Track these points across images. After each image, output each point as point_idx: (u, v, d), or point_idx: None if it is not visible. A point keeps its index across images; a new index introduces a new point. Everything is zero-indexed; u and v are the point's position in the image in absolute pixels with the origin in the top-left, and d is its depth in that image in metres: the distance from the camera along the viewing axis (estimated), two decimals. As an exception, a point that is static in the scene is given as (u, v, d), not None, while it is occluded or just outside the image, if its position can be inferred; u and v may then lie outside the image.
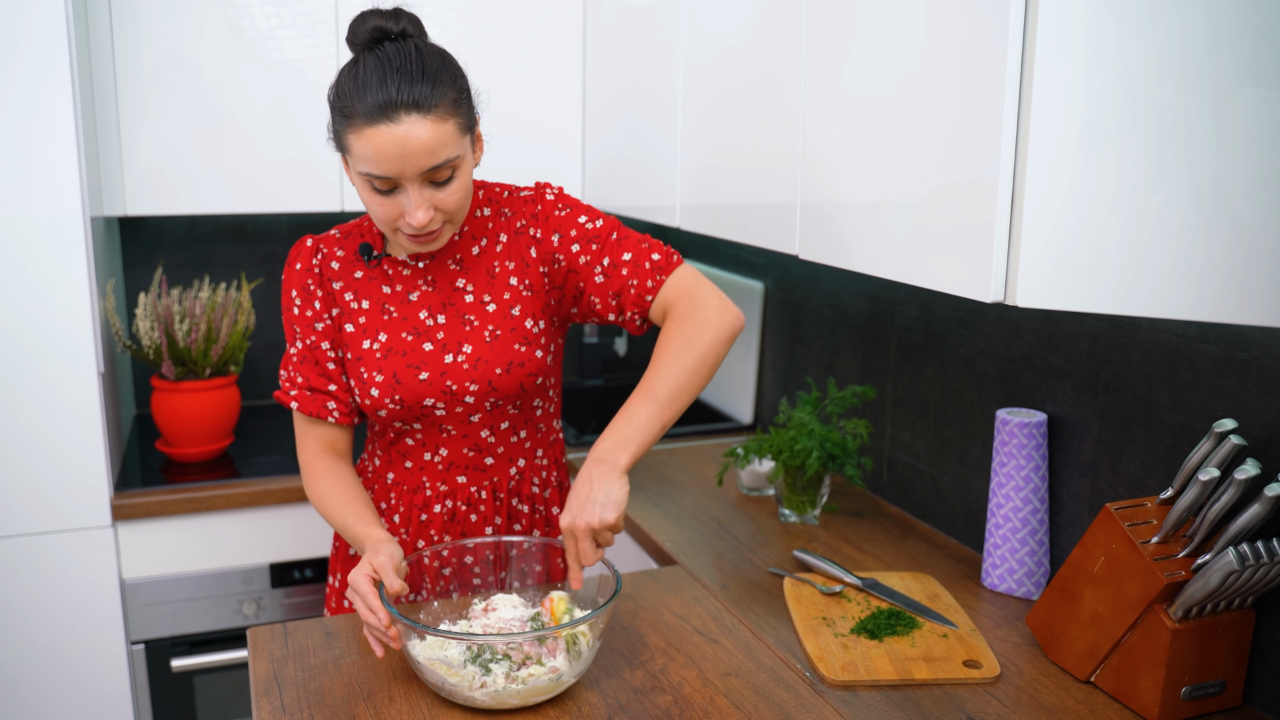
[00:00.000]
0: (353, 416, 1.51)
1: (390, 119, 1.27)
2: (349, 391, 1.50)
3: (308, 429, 1.51)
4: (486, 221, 1.51)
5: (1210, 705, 1.31)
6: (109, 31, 2.20)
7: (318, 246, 1.51)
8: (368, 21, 1.32)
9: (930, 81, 1.29)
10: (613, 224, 1.47)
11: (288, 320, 1.51)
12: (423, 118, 1.27)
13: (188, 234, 2.69)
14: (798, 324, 2.37)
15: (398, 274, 1.50)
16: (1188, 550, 1.28)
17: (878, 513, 2.01)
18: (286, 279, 1.52)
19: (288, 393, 1.50)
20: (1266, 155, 1.05)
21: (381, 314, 1.49)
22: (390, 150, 1.27)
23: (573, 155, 2.58)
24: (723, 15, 1.84)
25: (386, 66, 1.28)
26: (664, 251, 1.45)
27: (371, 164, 1.29)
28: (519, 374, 1.48)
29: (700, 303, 1.40)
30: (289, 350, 1.51)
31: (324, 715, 1.26)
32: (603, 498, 1.29)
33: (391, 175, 1.30)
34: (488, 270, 1.49)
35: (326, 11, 2.32)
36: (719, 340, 1.38)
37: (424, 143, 1.28)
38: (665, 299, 1.42)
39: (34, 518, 2.05)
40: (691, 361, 1.36)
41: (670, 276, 1.43)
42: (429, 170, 1.30)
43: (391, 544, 1.32)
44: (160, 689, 2.21)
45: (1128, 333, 1.50)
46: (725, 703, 1.29)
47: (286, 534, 2.25)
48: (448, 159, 1.31)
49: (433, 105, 1.28)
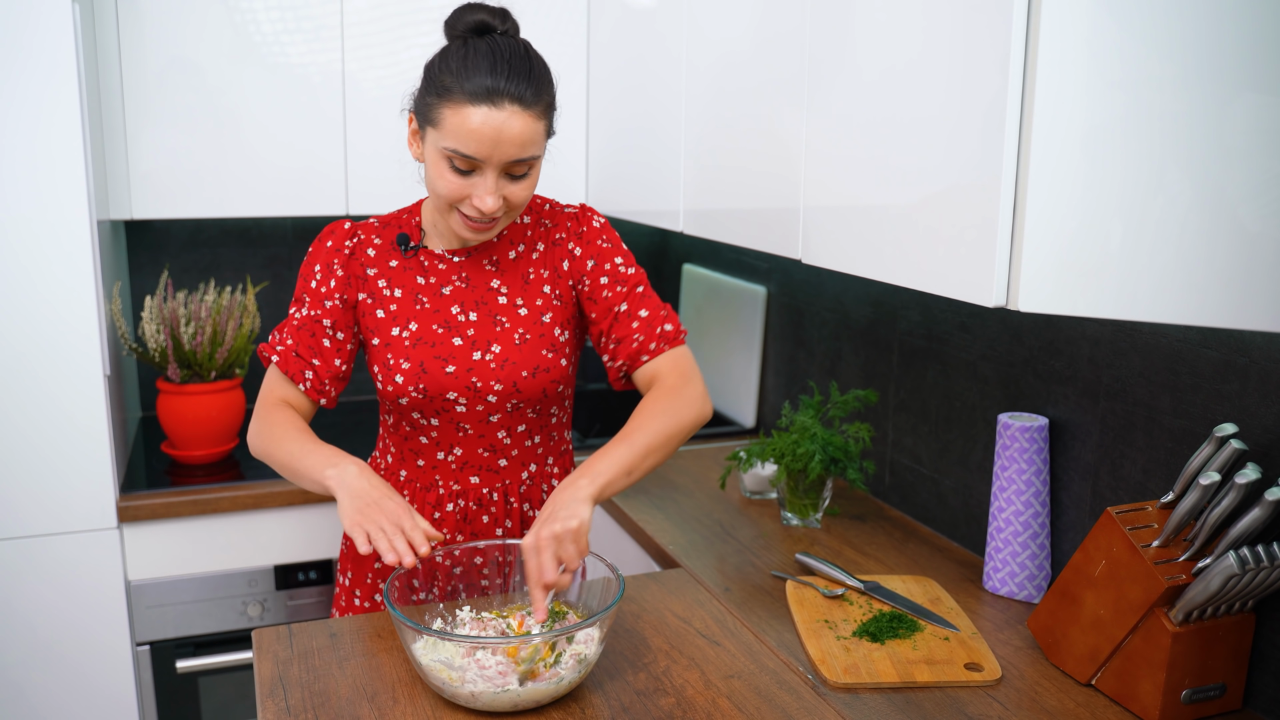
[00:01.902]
0: (320, 398, 1.52)
1: (494, 103, 1.32)
2: (331, 373, 1.52)
3: (275, 384, 1.52)
4: (526, 229, 1.55)
5: (1211, 708, 1.31)
6: (115, 35, 2.21)
7: (355, 231, 1.54)
8: (475, 13, 1.39)
9: (933, 86, 1.30)
10: (642, 277, 1.54)
11: (300, 289, 1.53)
12: (523, 112, 1.34)
13: (193, 237, 2.70)
14: (800, 328, 2.37)
15: (433, 267, 1.53)
16: (1188, 554, 1.28)
17: (880, 516, 2.02)
18: (313, 252, 1.54)
19: (273, 347, 1.52)
20: (1267, 160, 1.05)
21: (414, 303, 1.51)
22: (486, 133, 1.33)
23: (576, 160, 2.59)
24: (725, 22, 1.85)
25: (498, 56, 1.34)
26: (675, 325, 1.52)
27: (462, 141, 1.34)
28: (544, 379, 1.50)
29: (689, 384, 1.47)
30: (291, 314, 1.53)
31: (328, 716, 1.26)
32: (564, 513, 1.29)
33: (479, 157, 1.35)
34: (523, 275, 1.53)
35: (332, 16, 2.33)
36: (695, 422, 1.45)
37: (518, 134, 1.34)
38: (658, 368, 1.49)
39: (40, 519, 2.06)
40: (671, 428, 1.42)
41: (671, 350, 1.50)
42: (512, 161, 1.36)
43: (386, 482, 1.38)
44: (165, 690, 2.22)
45: (1129, 337, 1.51)
46: (728, 705, 1.30)
47: (291, 536, 2.26)
48: (532, 155, 1.37)
49: (533, 104, 1.35)
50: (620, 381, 1.54)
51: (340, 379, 1.53)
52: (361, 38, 2.36)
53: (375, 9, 2.35)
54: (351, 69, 2.36)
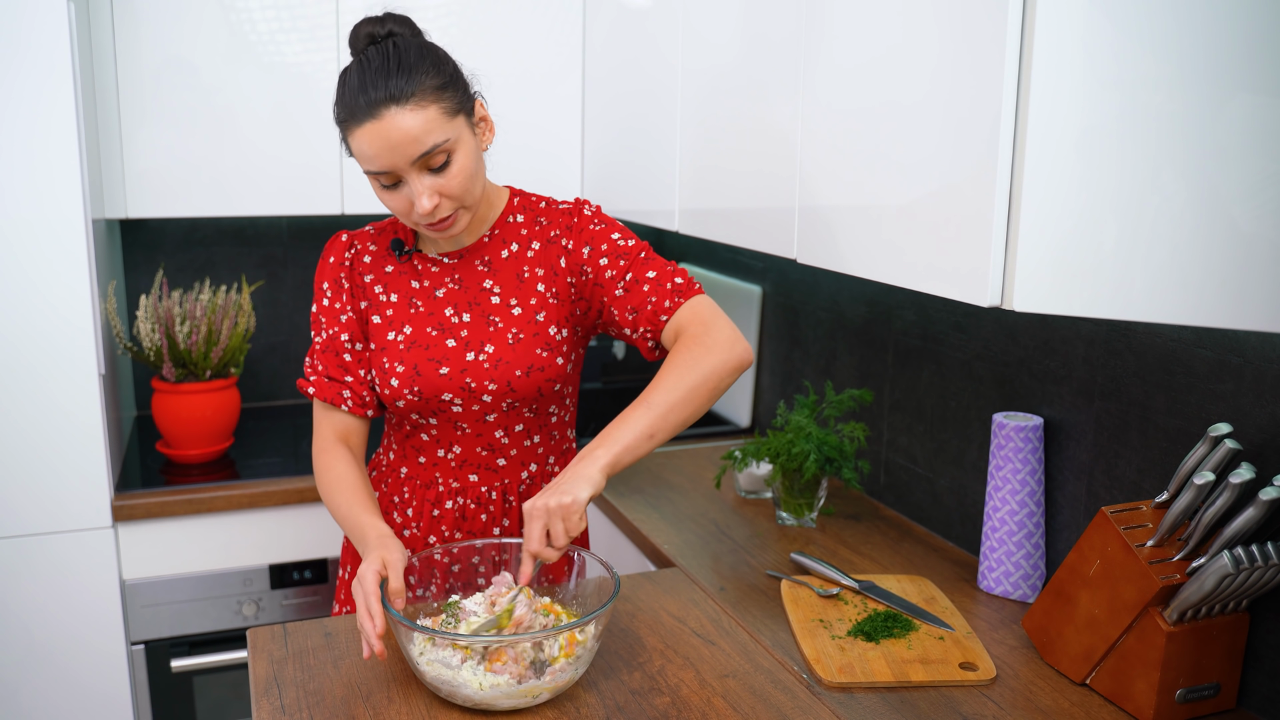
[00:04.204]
0: (367, 410, 1.53)
1: (373, 116, 1.32)
2: (364, 384, 1.53)
3: (324, 416, 1.54)
4: (520, 228, 1.54)
5: (1205, 708, 1.31)
6: (110, 34, 2.20)
7: (352, 241, 1.56)
8: (361, 30, 1.39)
9: (927, 86, 1.30)
10: (643, 245, 1.50)
11: (316, 311, 1.55)
12: (401, 108, 1.32)
13: (188, 236, 2.69)
14: (795, 328, 2.37)
15: (427, 270, 1.53)
16: (1183, 554, 1.29)
17: (875, 516, 2.02)
18: (320, 272, 1.56)
19: (308, 378, 1.54)
20: (1261, 161, 1.06)
21: (408, 307, 1.52)
22: (378, 145, 1.33)
23: (572, 160, 2.59)
24: (719, 23, 1.85)
25: (366, 68, 1.34)
26: (686, 278, 1.46)
27: (368, 161, 1.35)
28: (538, 378, 1.50)
29: (712, 329, 1.39)
30: (314, 341, 1.55)
31: (323, 716, 1.26)
32: (566, 485, 1.28)
33: (387, 169, 1.35)
34: (516, 274, 1.52)
35: (327, 15, 2.33)
36: (724, 367, 1.37)
37: (406, 132, 1.32)
38: (679, 322, 1.42)
39: (34, 519, 2.06)
40: (693, 380, 1.35)
41: (688, 301, 1.43)
42: (420, 158, 1.34)
43: (397, 541, 1.33)
44: (160, 689, 2.22)
45: (1123, 337, 1.51)
46: (723, 704, 1.30)
47: (286, 535, 2.26)
48: (435, 144, 1.34)
49: (409, 95, 1.32)
50: (651, 351, 1.48)
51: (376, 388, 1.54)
52: (357, 37, 2.35)
53: (371, 9, 2.34)
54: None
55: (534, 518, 1.28)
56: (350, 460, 1.50)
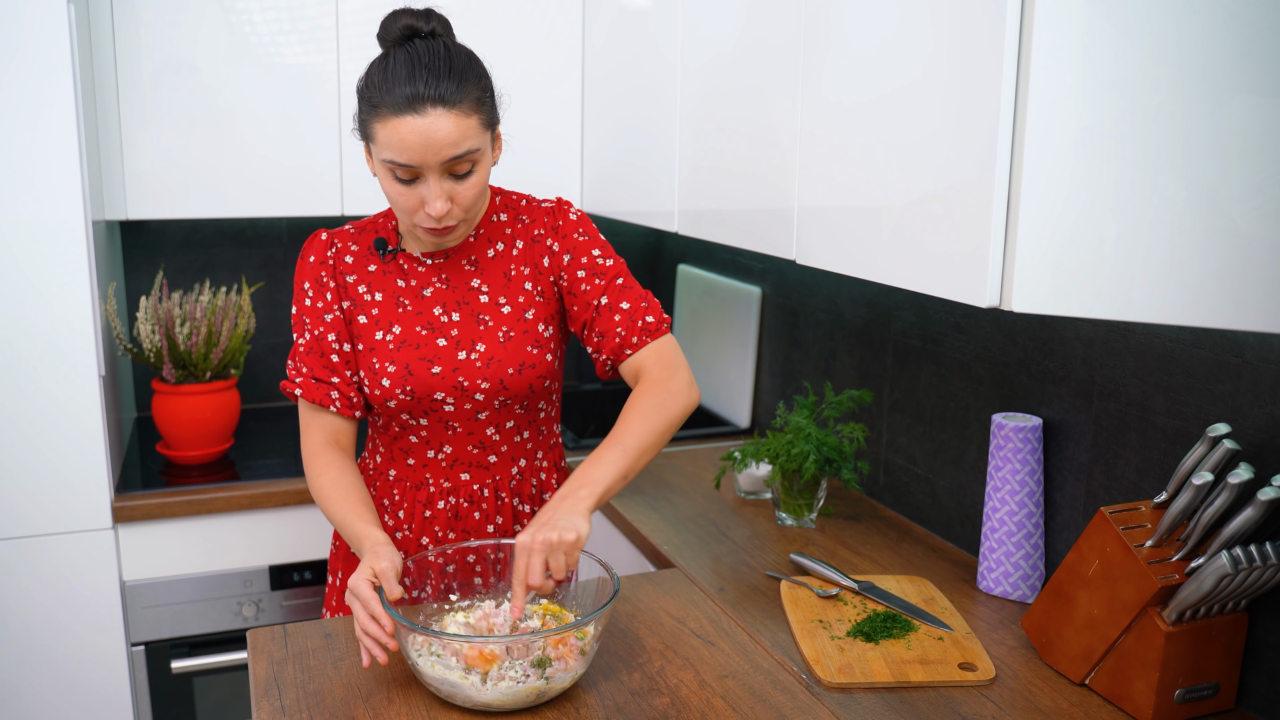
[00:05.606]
0: (354, 410, 1.53)
1: (416, 111, 1.32)
2: (351, 385, 1.52)
3: (311, 419, 1.53)
4: (504, 227, 1.55)
5: (1204, 708, 1.32)
6: (110, 36, 2.21)
7: (332, 240, 1.55)
8: (400, 20, 1.38)
9: (927, 87, 1.30)
10: (622, 268, 1.53)
11: (298, 312, 1.54)
12: (447, 112, 1.33)
13: (188, 238, 2.69)
14: (795, 328, 2.37)
15: (413, 269, 1.53)
16: (1181, 554, 1.29)
17: (874, 516, 2.02)
18: (300, 271, 1.55)
19: (293, 380, 1.53)
20: (1260, 161, 1.06)
21: (396, 307, 1.52)
22: (414, 140, 1.33)
23: (571, 161, 2.59)
24: (718, 23, 1.85)
25: (416, 62, 1.34)
26: (658, 316, 1.51)
27: (396, 152, 1.35)
28: (530, 375, 1.50)
29: (676, 374, 1.47)
30: (297, 342, 1.53)
31: (323, 716, 1.26)
32: (564, 522, 1.29)
33: (414, 164, 1.35)
34: (503, 273, 1.53)
35: (327, 17, 2.33)
36: (684, 413, 1.45)
37: (447, 134, 1.34)
38: (643, 361, 1.49)
39: (35, 520, 2.06)
40: (661, 424, 1.42)
41: (655, 341, 1.49)
42: (450, 161, 1.36)
43: (391, 548, 1.33)
44: (160, 690, 2.22)
45: (1122, 338, 1.51)
46: (722, 704, 1.30)
47: (286, 536, 2.26)
48: (468, 150, 1.37)
49: (457, 101, 1.34)
50: (607, 373, 1.54)
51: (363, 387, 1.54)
52: (357, 38, 2.35)
53: (370, 9, 2.35)
54: (347, 69, 2.36)
55: (534, 552, 1.28)
56: (344, 464, 1.49)
